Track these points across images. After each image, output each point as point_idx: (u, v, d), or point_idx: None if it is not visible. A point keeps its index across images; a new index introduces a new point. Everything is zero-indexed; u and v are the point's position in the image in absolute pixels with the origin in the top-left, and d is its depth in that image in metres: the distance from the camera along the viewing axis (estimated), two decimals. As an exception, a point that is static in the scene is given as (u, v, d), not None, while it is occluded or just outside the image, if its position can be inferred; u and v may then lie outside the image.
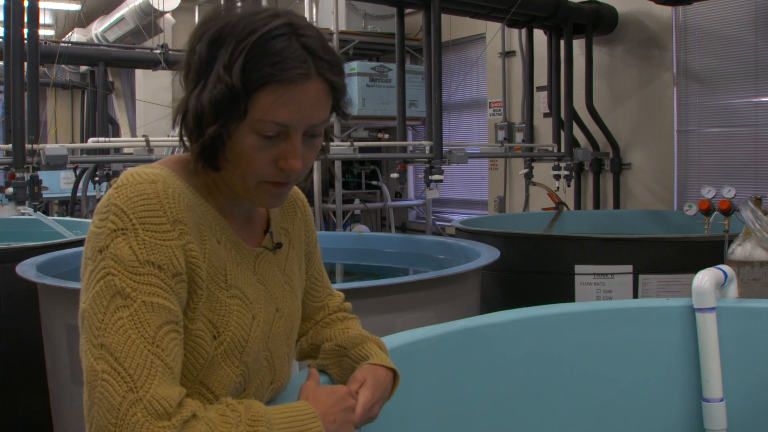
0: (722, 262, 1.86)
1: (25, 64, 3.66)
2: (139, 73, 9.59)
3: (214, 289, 0.99)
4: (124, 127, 10.44)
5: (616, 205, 6.02)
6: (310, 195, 7.19)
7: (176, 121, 0.99)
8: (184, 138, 1.00)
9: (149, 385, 0.85)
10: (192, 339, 0.96)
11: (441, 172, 4.78)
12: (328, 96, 1.00)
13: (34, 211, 3.66)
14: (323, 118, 1.00)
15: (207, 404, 0.97)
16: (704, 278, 1.64)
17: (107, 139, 4.66)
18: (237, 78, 0.92)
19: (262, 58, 0.93)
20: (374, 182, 7.98)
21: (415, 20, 7.09)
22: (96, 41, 9.19)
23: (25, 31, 3.60)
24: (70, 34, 9.92)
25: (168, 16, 8.27)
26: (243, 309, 1.02)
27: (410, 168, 7.99)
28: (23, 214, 3.73)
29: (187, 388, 0.95)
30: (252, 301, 1.05)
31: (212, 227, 1.02)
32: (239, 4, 1.07)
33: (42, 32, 8.15)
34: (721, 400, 1.62)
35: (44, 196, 3.72)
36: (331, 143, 1.14)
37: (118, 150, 6.32)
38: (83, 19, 9.26)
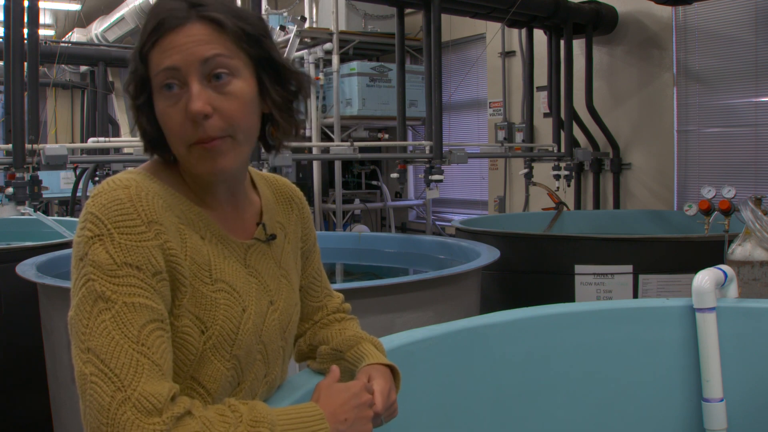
0: (722, 262, 1.86)
1: (25, 64, 3.66)
2: (139, 73, 9.57)
3: (198, 285, 0.99)
4: (124, 127, 10.43)
5: (616, 205, 6.02)
6: (310, 195, 7.20)
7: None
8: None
9: (137, 383, 0.85)
10: (179, 335, 0.96)
11: (441, 172, 4.78)
12: (219, 34, 0.99)
13: (34, 211, 3.66)
14: (214, 52, 0.98)
15: (201, 401, 0.97)
16: (704, 278, 1.64)
17: (107, 139, 4.67)
18: (137, 53, 1.00)
19: (147, 23, 0.99)
20: (374, 182, 7.98)
21: (415, 20, 7.09)
22: (96, 41, 9.20)
23: (25, 31, 3.60)
24: (70, 34, 9.93)
25: (168, 16, 8.25)
26: (231, 302, 1.02)
27: (410, 168, 7.99)
28: (23, 214, 3.73)
29: (179, 384, 0.95)
30: (242, 294, 1.04)
31: (195, 224, 1.02)
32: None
33: (42, 32, 8.15)
34: (721, 400, 1.62)
35: (44, 196, 3.72)
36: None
37: (118, 150, 6.31)
38: (83, 19, 9.26)
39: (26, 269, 2.65)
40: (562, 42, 5.79)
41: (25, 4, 3.55)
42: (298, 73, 1.08)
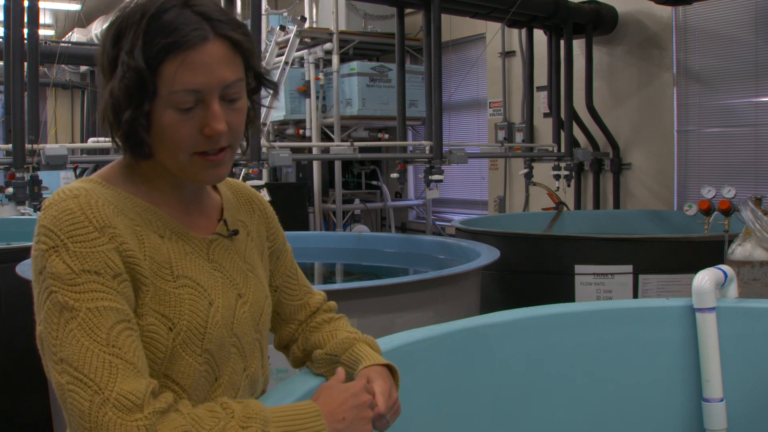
0: (722, 262, 1.86)
1: (25, 64, 3.66)
2: (138, 73, 9.58)
3: (160, 283, 1.00)
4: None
5: (616, 205, 6.03)
6: (310, 195, 7.20)
7: (103, 123, 1.02)
8: (114, 137, 1.03)
9: (113, 384, 0.86)
10: (146, 334, 0.97)
11: (441, 172, 4.78)
12: (235, 54, 1.01)
13: (34, 211, 3.66)
14: (235, 77, 1.00)
15: (180, 399, 0.97)
16: (704, 278, 1.64)
17: (107, 139, 4.66)
18: (139, 59, 0.95)
19: (158, 33, 0.95)
20: (374, 182, 7.98)
21: (415, 20, 7.09)
22: (96, 41, 9.19)
23: (25, 31, 3.60)
24: (70, 34, 9.93)
25: (168, 16, 8.25)
26: (196, 297, 1.03)
27: (410, 168, 7.99)
28: (23, 214, 3.74)
29: None
30: (207, 288, 1.05)
31: (153, 224, 1.03)
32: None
33: (42, 32, 8.16)
34: (721, 400, 1.62)
35: (44, 196, 3.72)
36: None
37: (117, 150, 6.31)
38: (83, 19, 9.27)
39: (26, 269, 2.66)
40: (562, 42, 5.79)
41: (25, 4, 3.55)
42: (270, 82, 1.12)
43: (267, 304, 1.19)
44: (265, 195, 3.04)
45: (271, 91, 1.15)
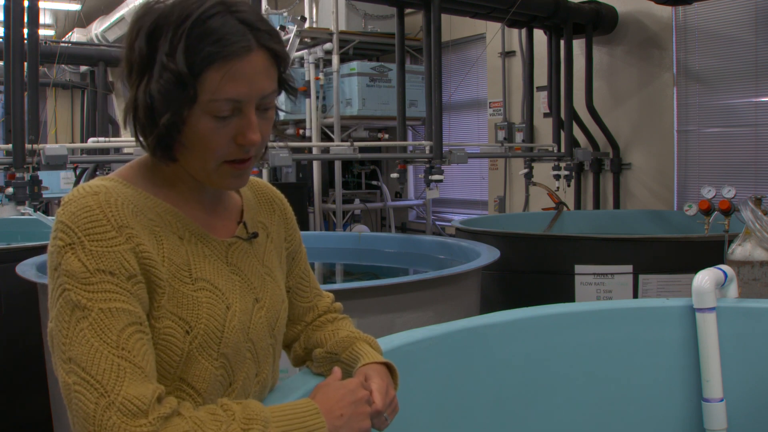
0: (722, 262, 1.86)
1: (25, 64, 3.66)
2: (139, 73, 9.56)
3: (177, 285, 0.99)
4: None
5: (616, 205, 6.03)
6: (310, 195, 7.20)
7: (127, 120, 1.01)
8: (140, 137, 1.02)
9: (119, 388, 0.86)
10: (161, 337, 0.96)
11: (441, 172, 4.78)
12: (273, 65, 1.01)
13: (34, 211, 3.66)
14: (273, 88, 1.01)
15: (191, 402, 0.97)
16: (704, 278, 1.64)
17: (107, 139, 4.66)
18: (181, 63, 0.93)
19: (202, 38, 0.94)
20: (374, 182, 7.98)
21: (415, 20, 7.09)
22: (96, 41, 9.20)
23: (25, 31, 3.60)
24: (70, 34, 9.93)
25: (168, 16, 8.24)
26: (214, 300, 1.02)
27: (410, 168, 7.99)
28: (23, 214, 3.73)
29: (167, 386, 0.96)
30: (225, 292, 1.04)
31: (172, 225, 1.02)
32: None
33: (42, 32, 8.16)
34: (721, 400, 1.62)
35: (44, 196, 3.72)
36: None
37: (118, 150, 6.31)
38: (83, 19, 9.27)
39: (26, 269, 2.65)
40: (562, 42, 5.79)
41: (25, 4, 3.55)
42: (293, 89, 1.11)
43: (283, 308, 1.19)
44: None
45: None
